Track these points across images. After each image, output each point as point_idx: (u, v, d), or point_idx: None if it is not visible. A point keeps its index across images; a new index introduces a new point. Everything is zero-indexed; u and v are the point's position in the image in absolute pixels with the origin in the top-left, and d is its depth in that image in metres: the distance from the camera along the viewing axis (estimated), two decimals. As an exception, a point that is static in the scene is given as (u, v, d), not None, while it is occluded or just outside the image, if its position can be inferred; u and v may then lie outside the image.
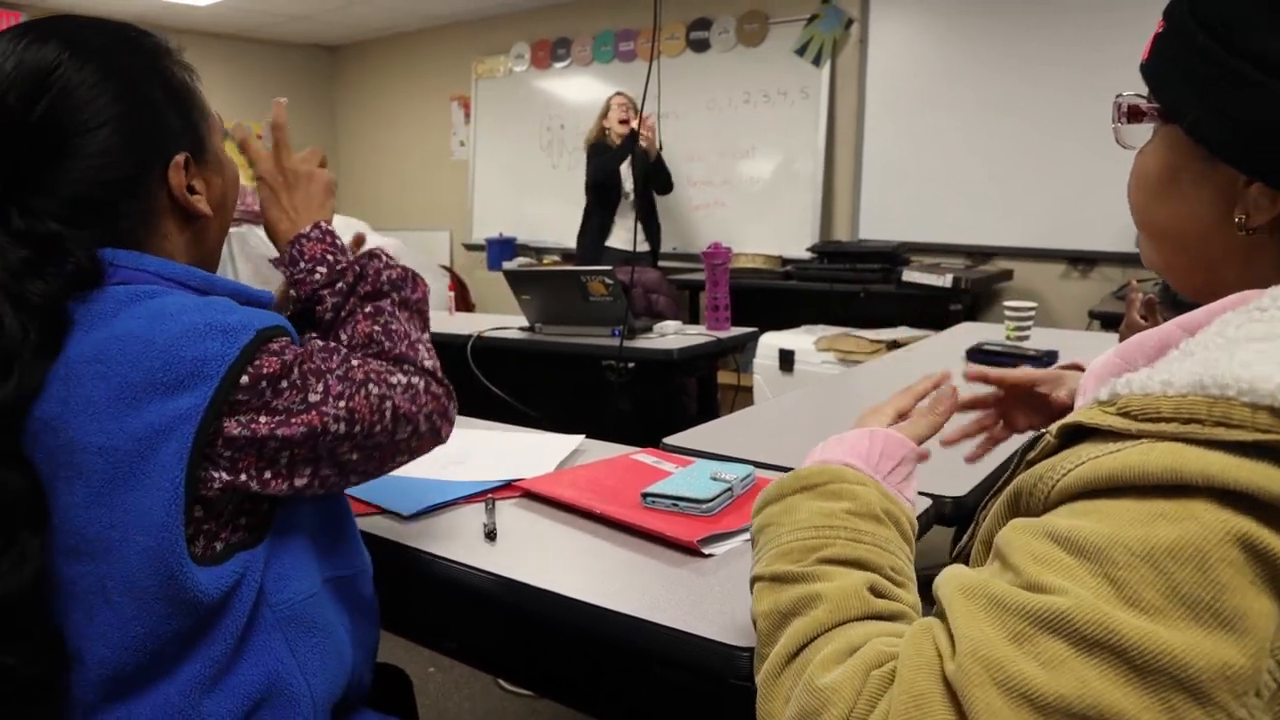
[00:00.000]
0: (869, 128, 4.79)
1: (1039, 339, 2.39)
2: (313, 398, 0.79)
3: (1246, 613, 0.45)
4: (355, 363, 0.84)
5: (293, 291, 0.95)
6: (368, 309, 0.93)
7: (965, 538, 0.72)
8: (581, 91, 5.88)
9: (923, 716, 0.49)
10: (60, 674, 0.74)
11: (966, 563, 0.67)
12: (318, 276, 0.93)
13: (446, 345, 2.83)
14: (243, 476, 0.77)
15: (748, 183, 5.24)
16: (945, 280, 3.93)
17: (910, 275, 4.06)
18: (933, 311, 3.89)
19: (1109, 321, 3.21)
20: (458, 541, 1.06)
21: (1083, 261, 4.26)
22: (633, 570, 0.97)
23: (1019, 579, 0.50)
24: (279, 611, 0.81)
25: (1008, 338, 2.42)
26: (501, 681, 2.22)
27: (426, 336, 0.95)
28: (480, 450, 1.40)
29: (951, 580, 0.54)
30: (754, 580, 0.66)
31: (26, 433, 0.73)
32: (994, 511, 0.62)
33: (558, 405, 2.66)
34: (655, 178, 4.60)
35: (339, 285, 0.93)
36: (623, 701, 1.07)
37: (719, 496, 1.09)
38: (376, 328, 0.91)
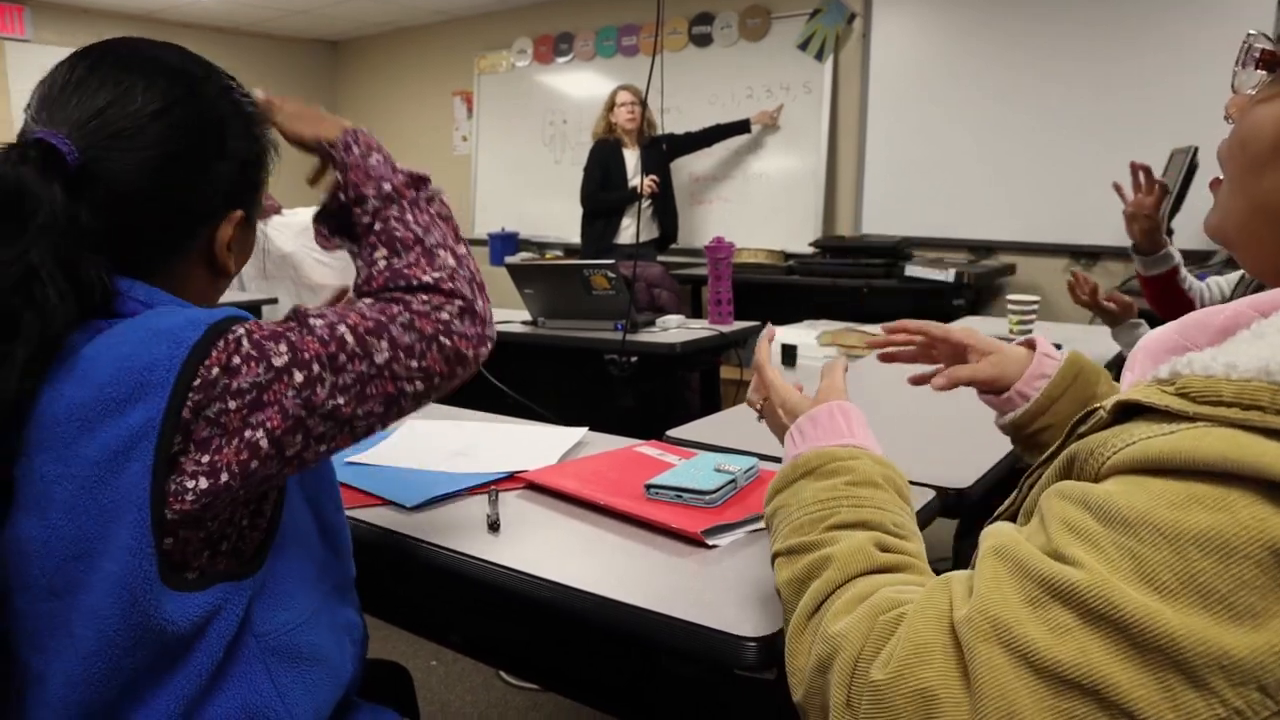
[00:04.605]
0: (871, 122, 4.77)
1: (1042, 333, 2.38)
2: (277, 361, 0.72)
3: (1262, 612, 0.43)
4: (338, 315, 0.77)
5: (339, 175, 0.89)
6: (433, 209, 0.88)
7: (1008, 503, 0.71)
8: (584, 86, 5.87)
9: (922, 664, 0.50)
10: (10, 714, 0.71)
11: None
12: (374, 161, 0.88)
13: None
14: (224, 478, 0.70)
15: (750, 177, 5.23)
16: (948, 275, 3.92)
17: (913, 270, 4.06)
18: (936, 306, 3.87)
19: (1112, 315, 3.20)
20: (461, 533, 1.05)
21: (1086, 255, 4.25)
22: (636, 561, 0.97)
23: (1049, 544, 0.50)
24: (264, 641, 0.78)
25: (1011, 331, 2.41)
26: (504, 674, 2.22)
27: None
28: (483, 442, 1.40)
29: (991, 537, 0.55)
30: (774, 557, 0.72)
31: (21, 453, 0.70)
32: (1044, 480, 0.61)
33: (561, 399, 2.65)
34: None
35: (405, 174, 0.88)
36: (626, 693, 1.07)
37: (723, 488, 1.08)
38: (441, 222, 0.87)
